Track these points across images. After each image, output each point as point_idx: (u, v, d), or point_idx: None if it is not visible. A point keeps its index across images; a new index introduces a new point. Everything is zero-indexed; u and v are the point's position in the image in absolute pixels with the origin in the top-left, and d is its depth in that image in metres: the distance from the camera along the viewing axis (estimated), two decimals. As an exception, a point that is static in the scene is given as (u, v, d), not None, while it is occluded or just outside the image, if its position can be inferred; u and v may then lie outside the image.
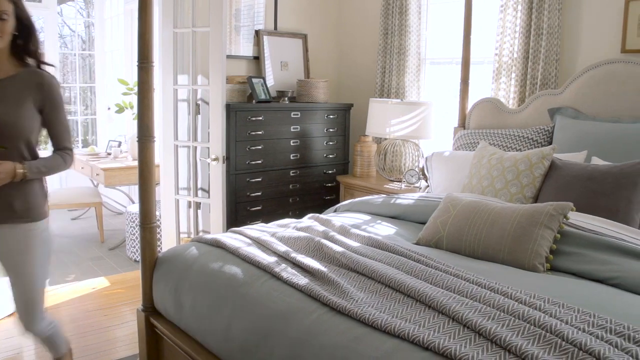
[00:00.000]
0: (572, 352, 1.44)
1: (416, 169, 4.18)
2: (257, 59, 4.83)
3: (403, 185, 4.16)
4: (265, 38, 4.82)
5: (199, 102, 4.33)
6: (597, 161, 2.99)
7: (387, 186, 4.21)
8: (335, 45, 5.37)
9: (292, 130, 4.53)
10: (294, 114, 4.53)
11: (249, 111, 4.27)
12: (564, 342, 1.47)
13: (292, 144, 4.55)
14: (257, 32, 4.81)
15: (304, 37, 5.10)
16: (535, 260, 2.18)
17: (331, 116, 4.78)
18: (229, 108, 4.12)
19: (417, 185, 4.11)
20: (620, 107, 3.31)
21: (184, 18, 4.16)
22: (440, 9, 4.67)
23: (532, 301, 1.71)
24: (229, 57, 4.55)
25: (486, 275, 2.04)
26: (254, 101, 4.42)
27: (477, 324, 1.57)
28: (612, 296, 1.92)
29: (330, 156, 4.81)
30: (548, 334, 1.51)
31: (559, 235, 2.27)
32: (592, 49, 3.70)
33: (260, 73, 4.80)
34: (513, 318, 1.61)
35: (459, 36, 4.09)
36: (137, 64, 2.49)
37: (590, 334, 1.52)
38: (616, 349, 1.45)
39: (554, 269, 2.23)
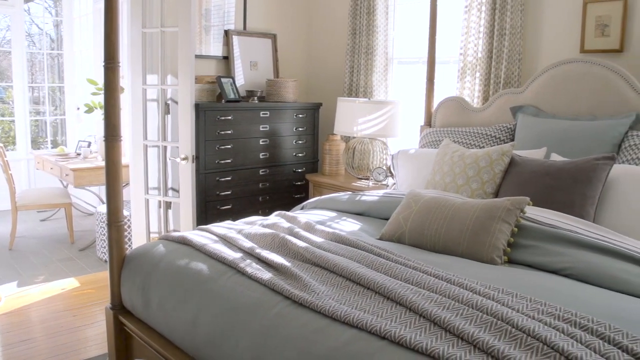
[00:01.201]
0: (521, 338, 1.51)
1: (384, 167, 4.25)
2: (227, 58, 4.86)
3: (371, 183, 4.22)
4: (235, 38, 4.85)
5: (169, 101, 4.34)
6: (556, 157, 3.08)
7: (356, 184, 4.28)
8: (304, 45, 5.42)
9: (261, 129, 4.57)
10: (263, 114, 4.57)
11: (218, 111, 4.30)
12: (513, 329, 1.54)
13: (261, 143, 4.59)
14: (226, 32, 4.84)
15: (274, 37, 5.14)
16: (493, 253, 2.26)
17: (300, 115, 4.83)
18: (198, 108, 4.15)
19: (384, 182, 4.18)
20: (578, 105, 3.41)
21: (152, 18, 4.17)
22: (407, 10, 4.75)
23: (486, 291, 1.78)
24: (198, 57, 4.57)
25: (445, 268, 2.11)
26: (223, 101, 4.45)
27: (432, 314, 1.64)
28: (563, 286, 2.00)
29: (300, 155, 4.86)
30: (499, 321, 1.58)
31: (516, 229, 2.35)
32: (553, 49, 3.80)
33: (229, 73, 4.83)
34: (467, 307, 1.67)
35: (425, 36, 4.16)
36: (103, 64, 2.51)
37: (540, 321, 1.59)
38: (562, 334, 1.52)
39: (511, 262, 2.30)
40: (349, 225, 2.77)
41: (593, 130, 3.20)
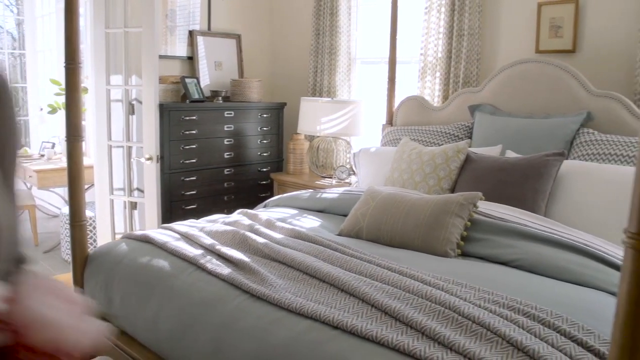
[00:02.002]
0: (467, 325, 1.58)
1: (347, 165, 4.32)
2: (192, 59, 4.88)
3: (334, 181, 4.29)
4: (199, 38, 4.87)
5: (133, 102, 4.35)
6: (510, 154, 3.19)
7: (319, 182, 4.34)
8: (268, 45, 5.46)
9: (226, 129, 4.60)
10: (227, 113, 4.60)
11: (183, 111, 4.32)
12: (460, 317, 1.62)
13: (226, 142, 4.62)
14: (190, 33, 4.86)
15: (238, 38, 5.17)
16: (447, 247, 2.34)
17: (265, 115, 4.87)
18: (162, 108, 4.16)
19: (347, 180, 4.25)
20: (533, 103, 3.53)
21: (116, 18, 4.18)
22: (370, 10, 4.83)
23: (436, 282, 1.86)
24: (163, 57, 4.59)
25: (400, 262, 2.18)
26: (187, 101, 4.47)
27: (383, 304, 1.71)
28: (512, 276, 2.09)
29: (265, 154, 4.91)
30: (447, 310, 1.66)
31: (469, 223, 2.43)
32: (510, 50, 3.92)
33: (194, 73, 4.85)
34: (417, 297, 1.75)
35: (387, 37, 4.24)
36: (64, 65, 2.53)
37: (485, 309, 1.67)
38: (506, 321, 1.60)
39: (464, 254, 2.39)
40: (310, 222, 2.84)
41: (546, 128, 3.31)
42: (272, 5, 5.43)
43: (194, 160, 4.41)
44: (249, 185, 4.83)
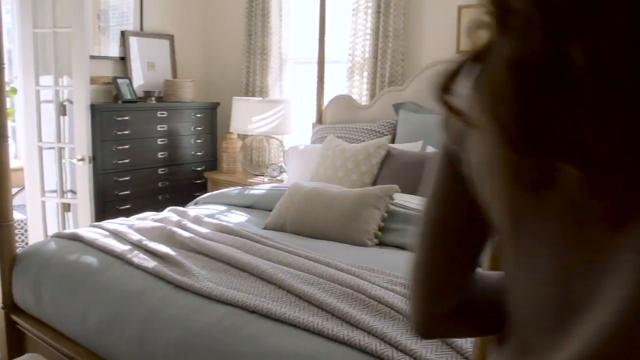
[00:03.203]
0: (373, 305, 1.72)
1: (278, 164, 4.43)
2: (124, 59, 4.88)
3: (266, 179, 4.39)
4: (132, 39, 4.88)
5: (65, 103, 4.34)
6: (431, 149, 3.36)
7: (252, 180, 4.43)
8: (202, 45, 5.51)
9: (159, 129, 4.63)
10: (160, 114, 4.63)
11: (115, 111, 4.33)
12: (367, 298, 1.75)
13: (159, 142, 4.65)
14: (122, 33, 4.86)
15: (171, 38, 5.20)
16: (365, 237, 2.48)
17: (198, 115, 4.93)
18: (94, 108, 4.17)
19: (279, 178, 4.36)
20: (455, 102, 3.71)
21: (44, 18, 4.16)
22: (300, 12, 4.94)
23: (349, 269, 1.99)
24: (94, 57, 4.57)
25: (320, 252, 2.31)
26: (120, 101, 4.48)
27: (297, 289, 1.83)
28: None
29: (199, 154, 4.96)
30: (356, 292, 1.79)
31: (386, 214, 2.58)
32: (433, 50, 4.10)
33: (127, 74, 4.85)
34: (329, 282, 1.87)
35: (317, 37, 4.36)
36: (-12, 65, 2.55)
37: (392, 291, 1.82)
38: (407, 299, 1.74)
39: (382, 244, 2.54)
40: (237, 217, 2.93)
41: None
42: (205, 6, 5.48)
43: (127, 161, 4.43)
44: (183, 185, 4.88)
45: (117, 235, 2.58)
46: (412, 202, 2.71)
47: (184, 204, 4.72)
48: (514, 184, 0.64)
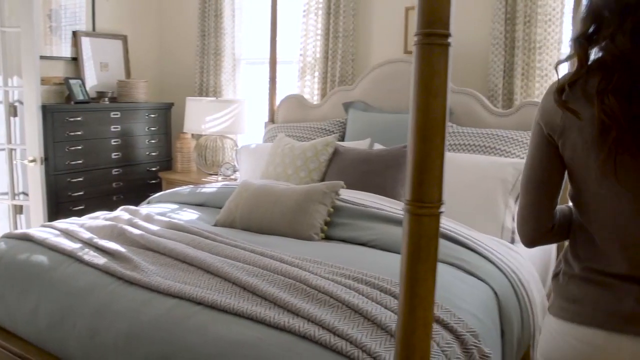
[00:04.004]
0: (313, 294, 1.82)
1: (232, 162, 4.50)
2: (76, 60, 4.87)
3: (220, 178, 4.45)
4: (84, 39, 4.87)
5: (16, 103, 4.32)
6: (378, 147, 3.47)
7: (206, 180, 4.49)
8: (156, 46, 5.53)
9: (112, 130, 4.64)
10: (113, 114, 4.65)
11: (67, 112, 4.33)
12: (308, 288, 1.85)
13: (113, 143, 4.66)
14: (74, 33, 4.85)
15: (124, 38, 5.21)
16: (311, 231, 2.58)
17: (152, 115, 4.95)
18: (45, 109, 4.16)
19: (233, 177, 4.42)
20: (401, 99, 3.83)
21: (-7, 18, 4.13)
22: (253, 12, 5.01)
23: (292, 261, 2.09)
24: (45, 58, 4.56)
25: (268, 246, 2.39)
26: (72, 102, 4.48)
27: (242, 281, 1.92)
28: (367, 254, 2.36)
29: (153, 154, 4.99)
30: (297, 283, 1.89)
31: (332, 209, 2.68)
32: (382, 50, 4.22)
33: (79, 74, 4.84)
34: (273, 274, 1.97)
35: (269, 38, 4.44)
36: None
37: (333, 281, 1.91)
38: (348, 289, 1.85)
39: (328, 238, 2.64)
40: (188, 215, 3.00)
41: (412, 123, 3.62)
42: (158, 7, 5.49)
43: (80, 162, 4.43)
44: (138, 185, 4.90)
45: (67, 234, 2.61)
46: (358, 197, 2.82)
47: (138, 204, 4.73)
48: (617, 149, 1.27)
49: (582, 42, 1.35)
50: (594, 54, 1.35)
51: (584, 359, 1.42)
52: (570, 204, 1.55)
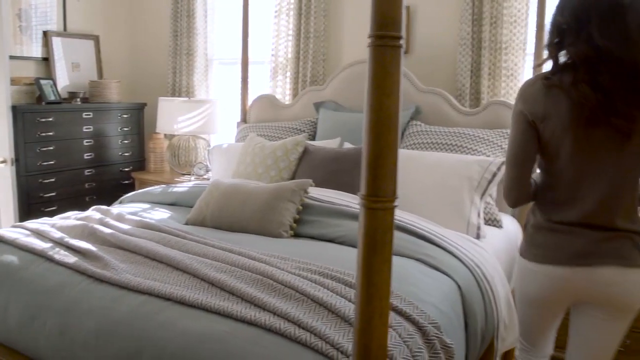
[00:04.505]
0: (279, 289, 1.87)
1: (204, 162, 4.53)
2: (47, 60, 4.86)
3: (193, 178, 4.47)
4: (55, 39, 4.86)
5: (-14, 104, 4.29)
6: (348, 146, 3.53)
7: (179, 179, 4.51)
8: (128, 46, 5.52)
9: (84, 130, 4.64)
10: (86, 114, 4.64)
11: (38, 112, 4.32)
12: (275, 283, 1.90)
13: (85, 144, 4.66)
14: (45, 33, 4.83)
15: (96, 39, 5.20)
16: (280, 229, 2.63)
17: (125, 115, 4.96)
18: (16, 110, 4.15)
19: (206, 177, 4.45)
20: (370, 99, 3.89)
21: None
22: (225, 13, 5.04)
23: (260, 257, 2.14)
24: (15, 58, 4.54)
25: (238, 244, 2.43)
26: (43, 102, 4.47)
27: (210, 277, 1.96)
28: (334, 250, 2.41)
29: (126, 154, 4.99)
30: (264, 278, 1.93)
31: (301, 207, 2.73)
32: (352, 51, 4.28)
33: (50, 74, 4.83)
34: (240, 270, 2.01)
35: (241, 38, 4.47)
36: None
37: (299, 276, 1.96)
38: (314, 284, 1.90)
39: (297, 235, 2.69)
40: (160, 214, 3.02)
41: (381, 122, 3.68)
42: (130, 7, 5.49)
43: (52, 162, 4.42)
44: (111, 185, 4.90)
45: (38, 234, 2.62)
46: (327, 195, 2.87)
47: (111, 204, 4.74)
48: (587, 125, 1.71)
49: (551, 49, 1.81)
50: (564, 56, 1.80)
51: (552, 289, 1.97)
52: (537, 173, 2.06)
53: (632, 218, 1.87)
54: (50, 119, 4.39)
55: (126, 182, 5.00)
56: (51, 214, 4.42)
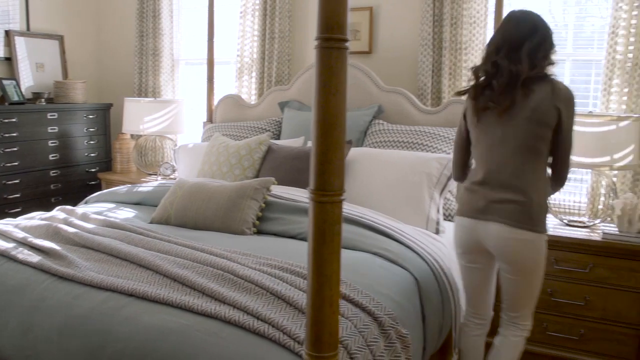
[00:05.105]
0: (240, 283, 1.93)
1: (171, 162, 4.55)
2: (10, 59, 4.83)
3: (160, 178, 4.49)
4: (18, 39, 4.83)
5: (-52, 105, 4.26)
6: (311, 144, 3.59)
7: (146, 180, 4.52)
8: (93, 46, 5.51)
9: (49, 131, 4.62)
10: (50, 115, 4.63)
11: (1, 113, 4.29)
12: (235, 277, 1.96)
13: (50, 144, 4.64)
14: (7, 33, 4.80)
15: (61, 38, 5.18)
16: (243, 226, 2.68)
17: (91, 116, 4.95)
18: (-22, 110, 4.13)
19: (172, 176, 4.47)
20: (334, 99, 3.96)
21: None
22: (191, 13, 5.06)
23: (222, 253, 2.19)
24: (-24, 58, 4.51)
25: (202, 241, 2.48)
26: (6, 103, 4.44)
27: (172, 273, 2.01)
28: (295, 246, 2.48)
29: (92, 155, 4.98)
30: (226, 273, 1.99)
31: (263, 205, 2.79)
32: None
33: (13, 74, 4.80)
34: (202, 266, 2.06)
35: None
36: None
37: (259, 270, 2.02)
38: (273, 278, 1.96)
39: (260, 232, 2.74)
40: (125, 214, 3.05)
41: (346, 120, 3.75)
42: (96, 7, 5.48)
43: (16, 163, 4.40)
44: (77, 186, 4.88)
45: (1, 234, 2.63)
46: (289, 193, 2.93)
47: (77, 205, 4.75)
48: (482, 111, 2.43)
49: (473, 72, 2.51)
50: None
51: (464, 237, 2.52)
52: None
53: (525, 185, 2.36)
54: (14, 120, 4.36)
55: (93, 182, 4.99)
56: (16, 216, 4.40)
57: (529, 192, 2.35)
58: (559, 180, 2.50)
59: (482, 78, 2.46)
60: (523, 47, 2.33)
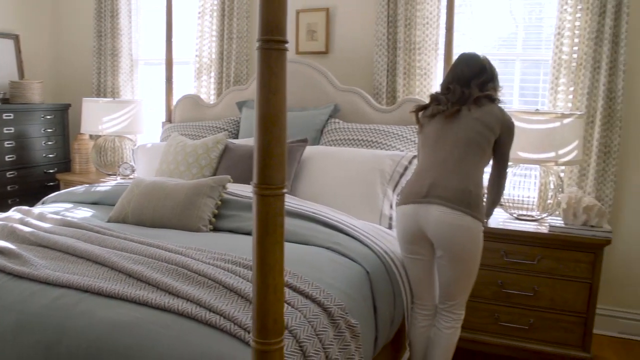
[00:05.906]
0: (193, 278, 1.99)
1: (130, 162, 4.56)
2: (-36, 61, 4.78)
3: (119, 178, 4.50)
4: (-28, 40, 4.79)
5: None
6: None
7: (105, 180, 4.52)
8: (50, 46, 5.47)
9: (5, 132, 4.59)
10: (6, 116, 4.59)
11: (-44, 114, 4.26)
12: (189, 272, 2.02)
13: (6, 145, 4.61)
14: (-40, 33, 4.76)
15: (16, 38, 5.13)
16: (199, 223, 2.74)
17: (48, 117, 4.92)
18: None
19: (132, 176, 4.48)
20: (292, 98, 4.02)
21: None
22: (149, 13, 5.07)
23: (177, 249, 2.24)
24: None
25: (158, 239, 2.53)
26: (-39, 104, 4.41)
27: (127, 268, 2.06)
28: (249, 242, 2.50)
29: (50, 156, 4.96)
30: (180, 268, 2.05)
31: (220, 202, 2.85)
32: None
33: (-32, 75, 4.76)
34: (157, 261, 2.12)
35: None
36: None
37: (213, 265, 2.09)
38: (226, 272, 2.02)
39: (217, 229, 2.80)
40: (82, 213, 3.08)
41: (303, 119, 3.83)
42: (52, 6, 5.44)
43: (-29, 164, 4.37)
44: (35, 187, 4.86)
45: (-46, 236, 2.64)
46: (244, 191, 3.00)
47: (34, 206, 4.72)
48: (431, 117, 2.77)
49: (431, 97, 2.83)
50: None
51: (406, 225, 2.65)
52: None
53: (466, 174, 2.58)
54: (-31, 121, 4.33)
55: (51, 183, 4.97)
56: (-28, 217, 4.37)
57: (468, 181, 2.57)
58: (497, 187, 2.80)
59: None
60: (472, 82, 2.68)
